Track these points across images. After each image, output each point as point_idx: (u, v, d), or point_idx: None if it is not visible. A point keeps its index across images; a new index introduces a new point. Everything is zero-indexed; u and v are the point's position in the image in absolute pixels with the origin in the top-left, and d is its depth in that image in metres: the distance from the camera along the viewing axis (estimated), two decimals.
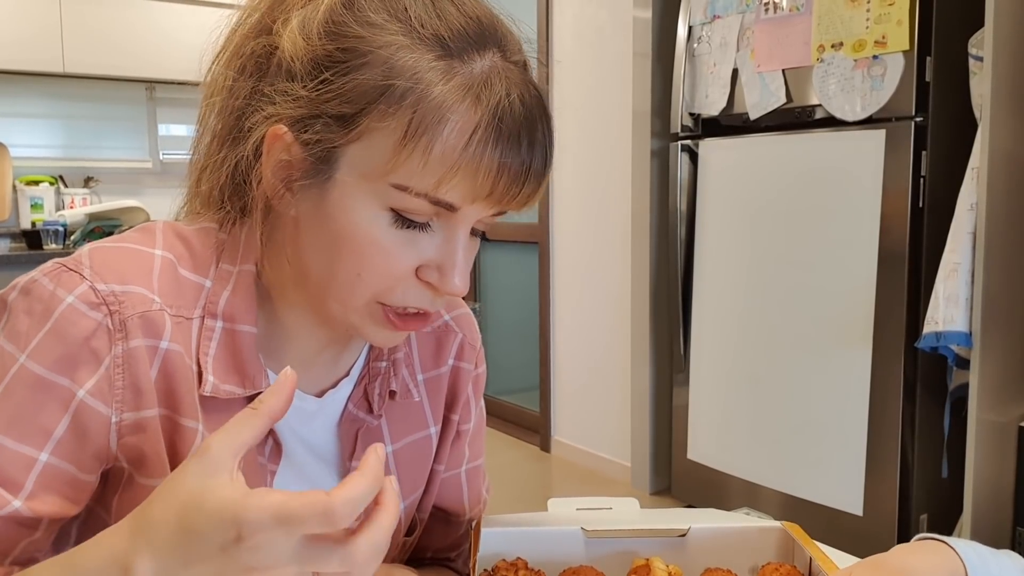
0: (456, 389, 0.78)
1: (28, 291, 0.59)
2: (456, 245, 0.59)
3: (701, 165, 2.61)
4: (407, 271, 0.59)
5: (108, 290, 0.58)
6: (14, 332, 0.58)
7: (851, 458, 2.23)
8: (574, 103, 3.32)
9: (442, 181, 0.55)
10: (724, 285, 2.56)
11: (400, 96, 0.54)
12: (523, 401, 3.89)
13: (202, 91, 0.65)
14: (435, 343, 0.77)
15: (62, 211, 3.88)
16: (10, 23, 3.62)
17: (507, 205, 0.59)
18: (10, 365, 0.57)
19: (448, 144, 0.54)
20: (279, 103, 0.58)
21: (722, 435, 2.61)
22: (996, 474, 1.97)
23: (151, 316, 0.59)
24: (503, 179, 0.56)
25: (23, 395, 0.56)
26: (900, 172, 2.08)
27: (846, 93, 2.16)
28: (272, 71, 0.59)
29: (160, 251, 0.62)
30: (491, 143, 0.55)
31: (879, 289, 2.14)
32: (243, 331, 0.63)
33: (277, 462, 0.66)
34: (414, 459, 0.75)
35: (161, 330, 0.60)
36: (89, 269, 0.59)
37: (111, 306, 0.58)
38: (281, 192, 0.60)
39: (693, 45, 2.59)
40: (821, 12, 2.21)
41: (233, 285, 0.63)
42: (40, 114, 4.02)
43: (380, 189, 0.56)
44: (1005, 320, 1.94)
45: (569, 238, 3.39)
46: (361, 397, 0.71)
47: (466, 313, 0.81)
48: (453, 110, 0.54)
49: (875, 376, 2.17)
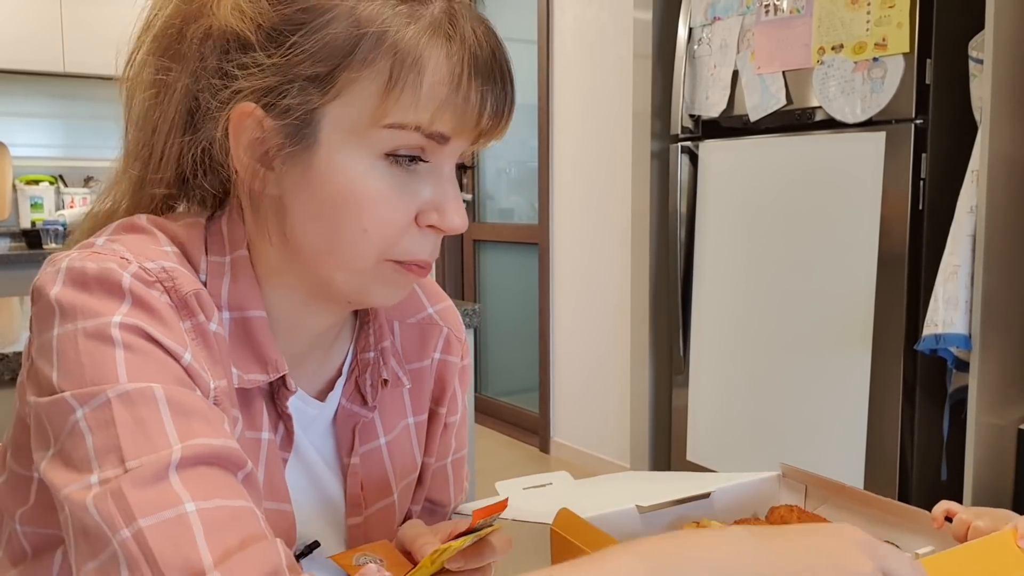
0: (443, 382, 0.79)
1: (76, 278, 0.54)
2: (446, 182, 0.61)
3: (701, 167, 2.61)
4: (408, 219, 0.59)
5: (158, 267, 0.56)
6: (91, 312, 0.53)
7: (850, 460, 2.22)
8: (574, 104, 3.32)
9: (435, 115, 0.56)
10: (724, 287, 2.56)
11: (375, 43, 0.55)
12: (522, 402, 3.89)
13: (123, 87, 0.64)
14: (419, 335, 0.77)
15: (62, 211, 3.88)
16: (10, 23, 3.62)
17: (491, 135, 0.61)
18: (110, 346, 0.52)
19: (435, 79, 0.56)
20: (241, 78, 0.57)
21: (721, 437, 2.61)
22: (995, 477, 1.97)
23: (203, 296, 0.58)
24: (487, 108, 0.58)
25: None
26: (900, 174, 2.08)
27: (846, 95, 2.16)
28: (218, 49, 0.58)
29: (168, 247, 0.61)
30: (473, 74, 0.57)
31: (879, 291, 2.14)
32: (254, 317, 0.62)
33: (289, 450, 0.66)
34: (402, 448, 0.75)
35: (211, 312, 0.59)
36: (129, 253, 0.56)
37: (164, 283, 0.56)
38: (260, 172, 0.59)
39: (693, 47, 2.59)
40: (821, 14, 2.21)
41: (231, 274, 0.62)
42: (40, 114, 4.02)
43: (371, 137, 0.57)
44: (1004, 323, 1.94)
45: (569, 239, 3.39)
46: (354, 390, 0.71)
47: (449, 306, 0.81)
48: (430, 46, 0.56)
49: (874, 378, 2.17)
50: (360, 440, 0.71)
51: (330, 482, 0.70)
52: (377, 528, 0.72)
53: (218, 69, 0.58)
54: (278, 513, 0.64)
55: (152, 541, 0.45)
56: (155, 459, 0.48)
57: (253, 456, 0.62)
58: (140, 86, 0.63)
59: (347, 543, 0.71)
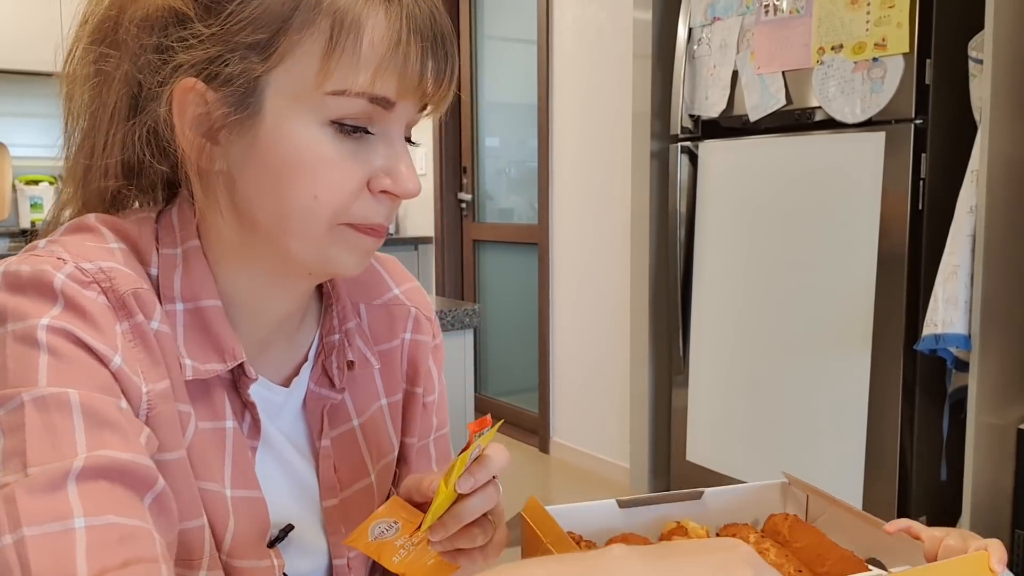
0: (416, 362, 0.78)
1: (11, 281, 0.54)
2: (398, 147, 0.60)
3: (701, 167, 2.61)
4: (360, 184, 0.59)
5: (95, 267, 0.56)
6: (20, 314, 0.53)
7: (850, 460, 2.22)
8: (574, 104, 3.32)
9: (376, 76, 0.56)
10: (723, 287, 2.56)
11: (314, 5, 0.55)
12: (522, 402, 3.89)
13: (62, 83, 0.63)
14: (387, 316, 0.77)
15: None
16: (10, 23, 3.62)
17: (434, 101, 0.61)
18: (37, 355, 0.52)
19: (375, 38, 0.56)
20: (181, 51, 0.57)
21: (721, 437, 2.61)
22: (995, 477, 1.97)
23: (142, 295, 0.58)
24: (428, 69, 0.58)
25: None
26: (900, 174, 2.08)
27: (846, 95, 2.16)
28: (157, 29, 0.58)
29: (114, 243, 0.60)
30: (412, 34, 0.57)
31: (878, 291, 2.14)
32: (208, 306, 0.62)
33: (256, 438, 0.65)
34: (377, 429, 0.75)
35: (152, 310, 0.58)
36: (67, 253, 0.56)
37: (102, 283, 0.56)
38: (206, 148, 0.59)
39: (693, 47, 2.59)
40: (821, 14, 2.21)
41: (183, 265, 0.62)
42: (40, 114, 4.02)
43: (316, 104, 0.56)
44: (1004, 323, 1.94)
45: (569, 239, 3.39)
46: (321, 374, 0.71)
47: (416, 287, 0.81)
48: (368, 6, 0.56)
49: (874, 378, 2.17)
50: (331, 423, 0.71)
51: (303, 467, 0.70)
52: (356, 510, 0.72)
53: (157, 46, 0.58)
54: (249, 500, 0.64)
55: (32, 552, 0.45)
56: (55, 467, 0.48)
57: (217, 445, 0.62)
58: (79, 80, 0.62)
59: (324, 526, 0.71)
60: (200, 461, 0.61)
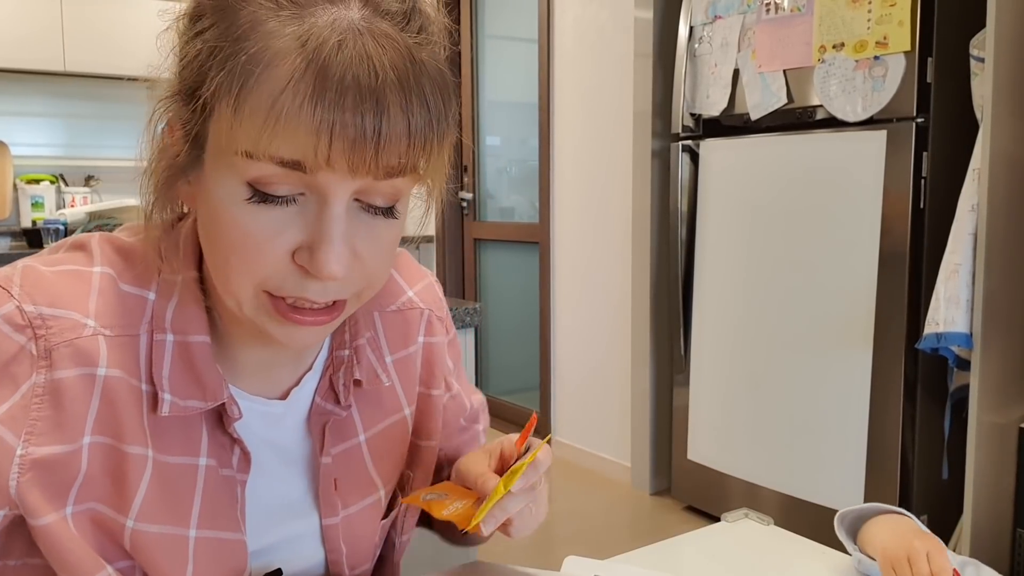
0: (432, 364, 0.77)
1: None
2: (328, 222, 0.52)
3: (702, 165, 2.61)
4: (278, 255, 0.53)
5: (36, 312, 0.56)
6: None
7: (851, 459, 2.22)
8: (575, 103, 3.32)
9: (279, 137, 0.49)
10: (725, 285, 2.56)
11: (230, 55, 0.50)
12: (523, 401, 3.89)
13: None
14: (402, 322, 0.75)
15: (63, 210, 3.88)
16: (11, 22, 3.62)
17: (363, 173, 0.51)
18: None
19: (272, 94, 0.49)
20: (165, 88, 0.56)
21: (722, 436, 2.61)
22: (996, 476, 1.96)
23: (81, 344, 0.57)
24: (339, 139, 0.49)
25: None
26: (901, 173, 2.08)
27: (847, 94, 2.16)
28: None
29: (99, 268, 0.60)
30: (312, 96, 0.49)
31: (880, 290, 2.14)
32: (196, 342, 0.61)
33: (247, 471, 0.64)
34: (390, 444, 0.73)
35: (95, 357, 0.57)
36: (19, 288, 0.56)
37: (37, 330, 0.55)
38: (185, 187, 0.58)
39: (694, 45, 2.59)
40: (822, 13, 2.21)
41: (179, 296, 0.61)
42: (41, 113, 4.02)
43: (236, 162, 0.51)
44: (1006, 321, 1.93)
45: (570, 238, 3.39)
46: (328, 389, 0.69)
47: (429, 284, 0.79)
48: (277, 62, 0.49)
49: (875, 377, 2.17)
50: (335, 439, 0.69)
51: (302, 485, 0.69)
52: (360, 526, 0.71)
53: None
54: (219, 542, 0.62)
55: None
56: None
57: (186, 482, 0.61)
58: None
59: (324, 544, 0.70)
60: (155, 503, 0.59)
